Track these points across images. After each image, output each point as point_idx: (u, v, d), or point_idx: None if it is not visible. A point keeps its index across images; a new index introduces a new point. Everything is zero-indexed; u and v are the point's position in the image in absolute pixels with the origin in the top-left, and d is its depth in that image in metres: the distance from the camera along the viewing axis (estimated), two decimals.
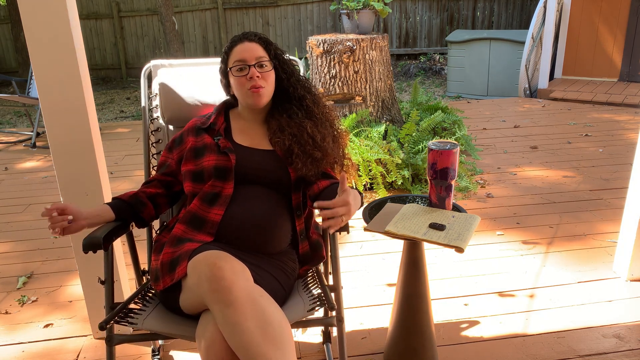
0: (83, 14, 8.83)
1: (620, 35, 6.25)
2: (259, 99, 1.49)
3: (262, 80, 1.48)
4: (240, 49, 1.49)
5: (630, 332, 1.90)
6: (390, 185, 3.29)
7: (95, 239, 1.33)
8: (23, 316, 2.12)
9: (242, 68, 1.48)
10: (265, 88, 1.49)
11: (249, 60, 1.47)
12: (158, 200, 1.54)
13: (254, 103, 1.50)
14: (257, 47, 1.50)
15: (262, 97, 1.49)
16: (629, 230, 2.20)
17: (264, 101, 1.51)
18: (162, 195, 1.54)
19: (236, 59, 1.49)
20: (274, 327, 1.13)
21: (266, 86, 1.49)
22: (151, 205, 1.51)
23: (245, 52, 1.48)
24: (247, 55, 1.48)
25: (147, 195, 1.52)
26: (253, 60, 1.48)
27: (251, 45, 1.50)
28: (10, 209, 3.31)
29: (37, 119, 4.80)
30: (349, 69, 3.51)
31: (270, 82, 1.52)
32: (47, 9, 1.57)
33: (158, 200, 1.54)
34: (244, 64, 1.47)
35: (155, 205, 1.53)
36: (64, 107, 1.67)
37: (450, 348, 1.84)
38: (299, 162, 1.45)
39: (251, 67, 1.47)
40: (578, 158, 3.89)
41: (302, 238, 1.51)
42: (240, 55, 1.48)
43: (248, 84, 1.47)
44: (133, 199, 1.49)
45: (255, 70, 1.47)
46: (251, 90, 1.47)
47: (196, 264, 1.21)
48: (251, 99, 1.49)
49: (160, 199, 1.54)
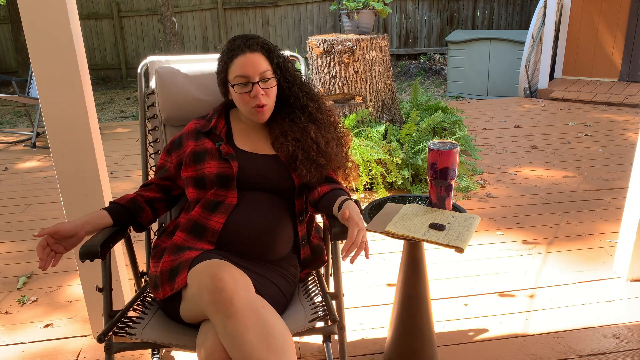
0: (83, 14, 8.83)
1: (620, 35, 6.25)
2: (262, 117, 1.46)
3: (266, 97, 1.44)
4: (242, 62, 1.41)
5: (630, 332, 1.89)
6: (390, 185, 3.29)
7: (92, 247, 1.30)
8: (23, 316, 2.12)
9: (246, 84, 1.42)
10: (268, 104, 1.46)
11: (252, 77, 1.41)
12: (156, 205, 1.51)
13: (257, 120, 1.47)
14: (260, 59, 1.43)
15: (265, 115, 1.46)
16: (629, 230, 2.20)
17: (267, 116, 1.48)
18: (160, 200, 1.52)
19: (238, 73, 1.41)
20: (275, 338, 1.12)
21: (269, 102, 1.45)
22: (149, 209, 1.49)
23: (248, 66, 1.41)
24: (250, 72, 1.40)
25: (145, 200, 1.49)
26: (257, 76, 1.41)
27: (254, 58, 1.42)
28: (10, 209, 3.31)
29: (37, 119, 4.81)
30: (349, 69, 3.51)
31: (273, 95, 1.47)
32: (47, 9, 1.57)
33: (156, 204, 1.51)
34: (248, 80, 1.41)
35: (153, 210, 1.50)
36: (64, 107, 1.67)
37: (450, 348, 1.84)
38: (303, 168, 1.43)
39: (255, 84, 1.41)
40: (578, 158, 3.89)
41: (304, 243, 1.49)
42: (242, 70, 1.41)
43: (252, 102, 1.42)
44: (131, 204, 1.47)
45: (260, 88, 1.41)
46: (255, 109, 1.43)
47: (197, 274, 1.19)
48: (255, 117, 1.45)
49: (158, 203, 1.51)
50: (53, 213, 3.21)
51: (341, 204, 1.37)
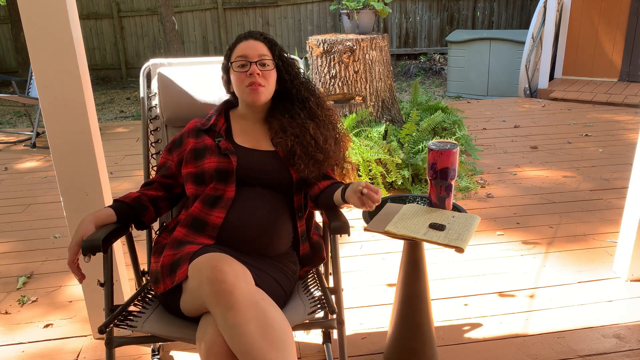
0: (83, 14, 8.83)
1: (620, 35, 6.25)
2: (257, 96, 1.48)
3: (262, 78, 1.47)
4: (244, 46, 1.49)
5: (630, 332, 1.89)
6: (390, 185, 3.29)
7: (95, 241, 1.32)
8: (23, 316, 2.12)
9: (244, 64, 1.47)
10: (265, 87, 1.48)
11: (251, 57, 1.47)
12: (159, 204, 1.53)
13: (252, 100, 1.49)
14: (262, 46, 1.50)
15: (260, 94, 1.48)
16: (629, 231, 2.20)
17: (262, 99, 1.50)
18: (163, 198, 1.54)
19: (238, 54, 1.48)
20: (275, 330, 1.13)
21: (266, 85, 1.48)
22: (152, 208, 1.51)
23: (249, 49, 1.48)
24: (249, 52, 1.47)
25: (148, 199, 1.51)
26: (255, 57, 1.47)
27: (255, 43, 1.49)
28: (10, 209, 3.31)
29: (37, 119, 4.80)
30: (349, 69, 3.51)
31: (271, 81, 1.51)
32: (47, 9, 1.57)
33: (159, 203, 1.53)
34: (246, 60, 1.47)
35: (156, 209, 1.53)
36: (64, 107, 1.67)
37: (450, 348, 1.84)
38: (301, 163, 1.45)
39: (252, 64, 1.46)
40: (578, 158, 3.89)
41: (303, 239, 1.50)
42: (242, 52, 1.48)
43: (247, 80, 1.46)
44: (135, 202, 1.49)
45: (257, 67, 1.46)
46: (250, 87, 1.46)
47: (197, 267, 1.20)
48: (249, 96, 1.48)
49: (161, 202, 1.54)
50: (53, 213, 3.21)
51: (345, 186, 1.38)
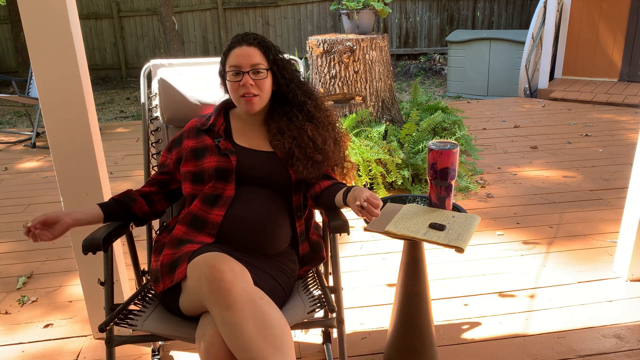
0: (83, 14, 8.83)
1: (620, 35, 6.25)
2: (250, 107, 1.48)
3: (256, 88, 1.47)
4: (237, 53, 1.47)
5: (630, 332, 1.89)
6: (390, 185, 3.29)
7: (95, 240, 1.32)
8: (23, 316, 2.12)
9: (237, 73, 1.46)
10: (259, 96, 1.48)
11: (243, 67, 1.46)
12: (151, 197, 1.53)
13: (246, 110, 1.50)
14: (255, 52, 1.47)
15: (254, 105, 1.48)
16: (629, 230, 2.20)
17: (256, 108, 1.50)
18: (156, 193, 1.54)
19: (232, 63, 1.47)
20: (273, 329, 1.13)
21: (260, 94, 1.48)
22: (142, 200, 1.50)
23: (241, 57, 1.46)
24: (242, 61, 1.46)
25: (140, 193, 1.52)
26: (248, 66, 1.45)
27: (249, 50, 1.47)
28: (10, 209, 3.31)
29: (37, 119, 4.81)
30: (349, 69, 3.51)
31: (265, 89, 1.50)
32: (47, 9, 1.57)
33: (151, 197, 1.53)
34: (239, 69, 1.46)
35: (148, 202, 1.52)
36: (64, 107, 1.67)
37: (450, 348, 1.84)
38: (299, 164, 1.46)
39: (245, 73, 1.45)
40: (578, 158, 3.89)
41: (302, 239, 1.51)
42: (236, 61, 1.46)
43: (241, 90, 1.46)
44: (122, 196, 1.49)
45: (249, 78, 1.45)
46: (243, 98, 1.47)
47: (196, 266, 1.21)
48: (243, 106, 1.49)
49: (153, 195, 1.53)
50: None
51: (348, 189, 1.38)
